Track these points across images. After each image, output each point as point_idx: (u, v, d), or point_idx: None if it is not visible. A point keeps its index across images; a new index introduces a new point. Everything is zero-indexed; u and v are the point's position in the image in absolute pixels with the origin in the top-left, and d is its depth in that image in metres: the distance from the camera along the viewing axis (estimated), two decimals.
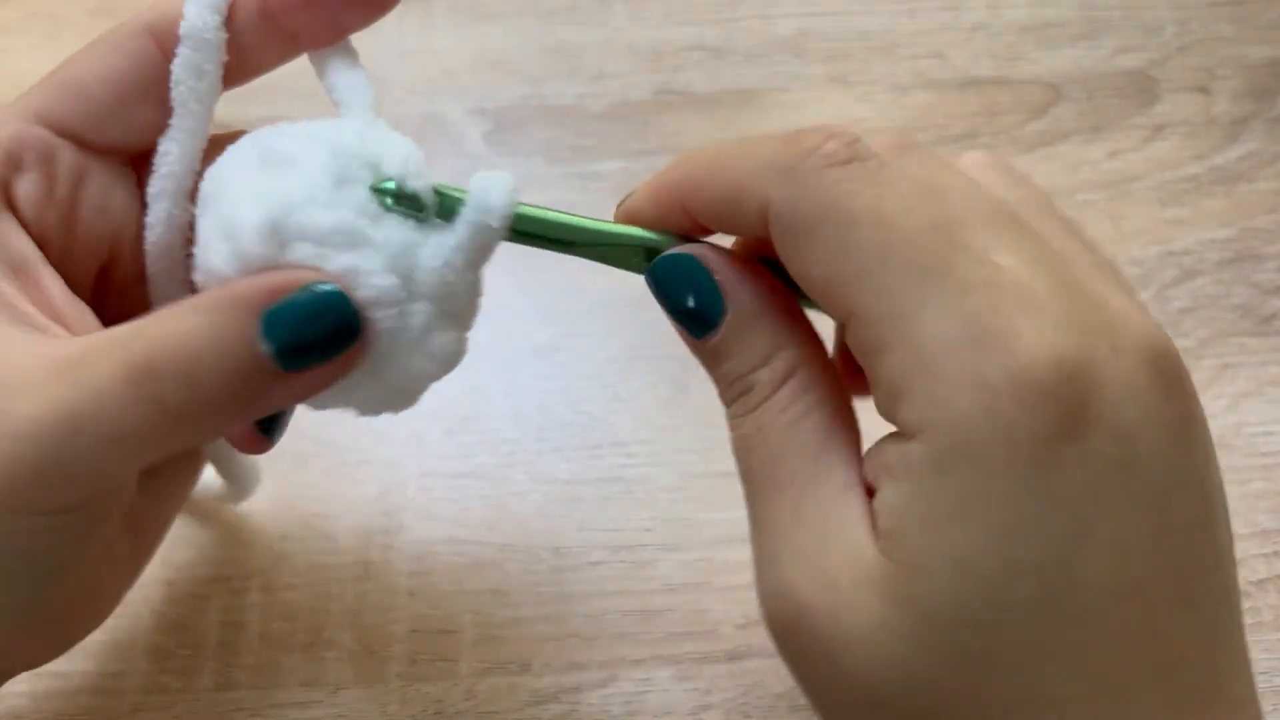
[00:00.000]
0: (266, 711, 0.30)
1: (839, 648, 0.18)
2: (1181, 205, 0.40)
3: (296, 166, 0.20)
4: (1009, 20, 0.45)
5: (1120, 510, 0.17)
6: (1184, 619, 0.18)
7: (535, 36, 0.44)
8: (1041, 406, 0.17)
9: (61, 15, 0.44)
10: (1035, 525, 0.17)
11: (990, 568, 0.17)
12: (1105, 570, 0.17)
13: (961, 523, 0.17)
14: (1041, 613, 0.17)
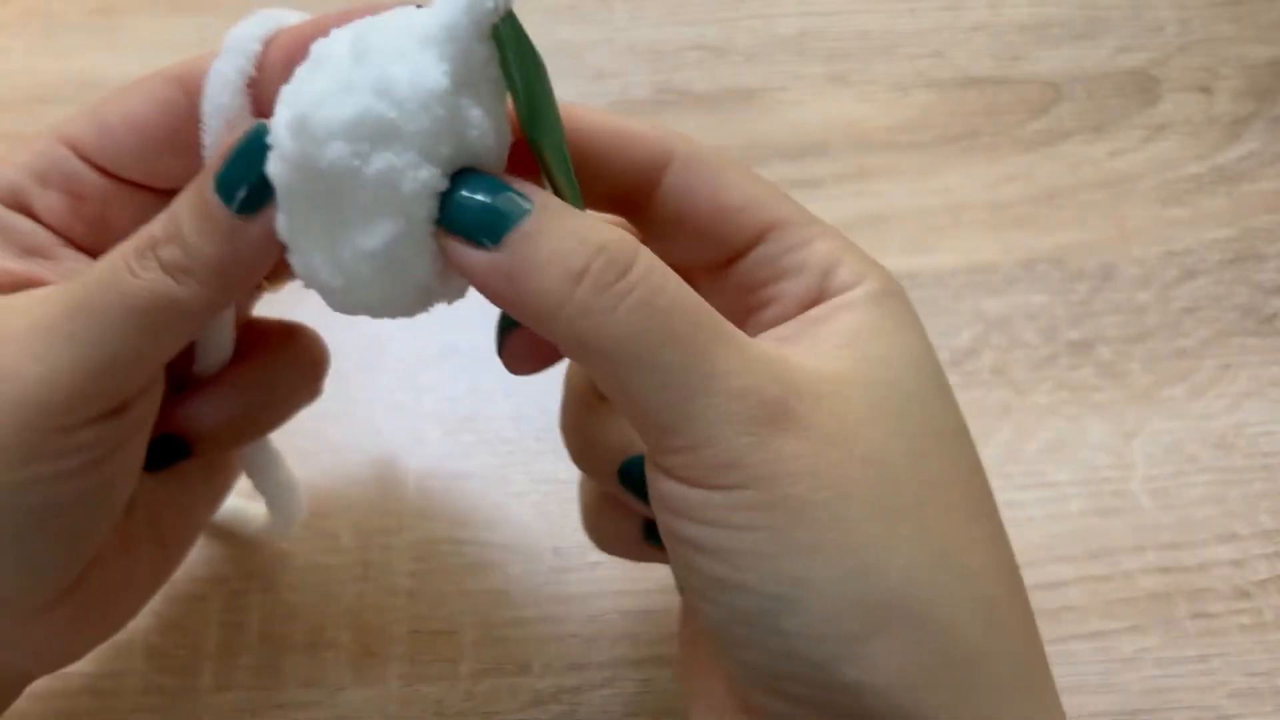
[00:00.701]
0: (266, 712, 0.30)
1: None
2: (1183, 205, 0.40)
3: (329, 59, 0.20)
4: (1010, 19, 0.45)
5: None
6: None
7: (536, 36, 0.43)
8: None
9: (61, 15, 0.44)
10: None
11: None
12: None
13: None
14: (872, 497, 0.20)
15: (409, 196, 0.19)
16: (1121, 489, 0.34)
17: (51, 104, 0.42)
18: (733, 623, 0.20)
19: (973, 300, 0.38)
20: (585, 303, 0.19)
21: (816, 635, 0.19)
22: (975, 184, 0.41)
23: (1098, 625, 0.32)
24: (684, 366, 0.19)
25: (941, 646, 0.20)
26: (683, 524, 0.20)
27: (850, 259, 0.22)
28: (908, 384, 0.21)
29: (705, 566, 0.20)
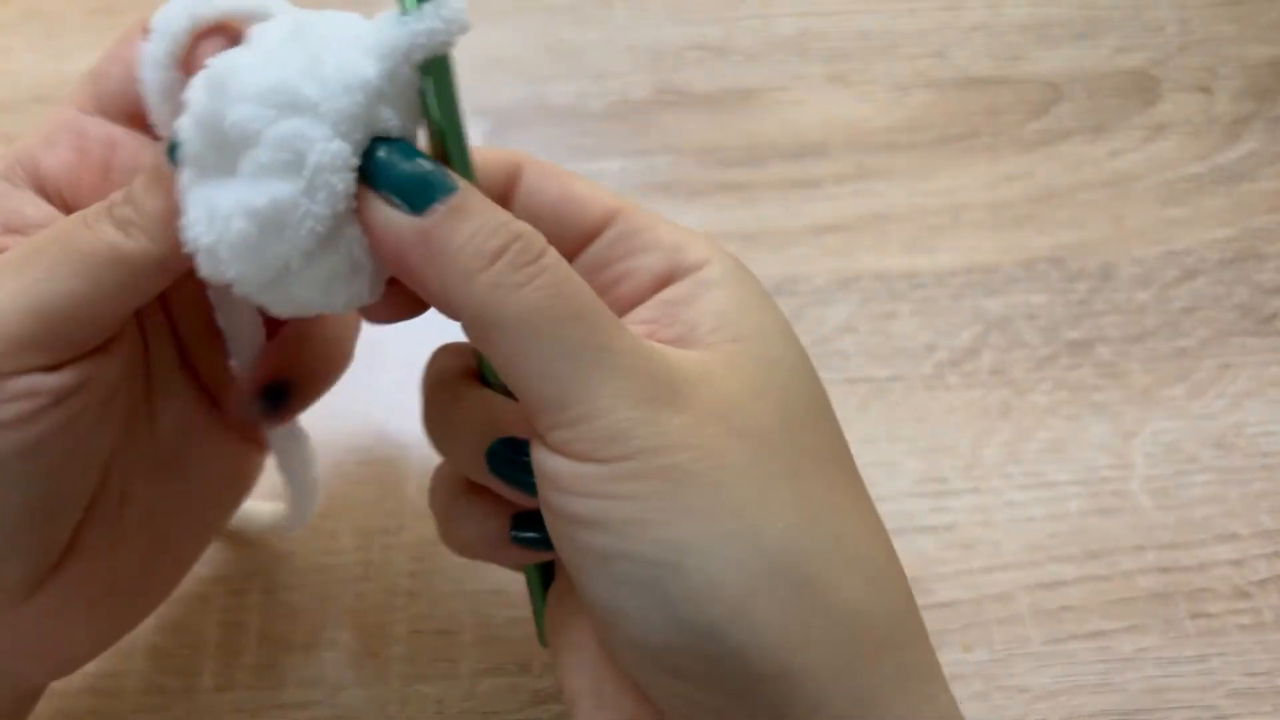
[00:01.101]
0: (267, 712, 0.30)
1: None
2: (1182, 205, 0.40)
3: (263, 37, 0.21)
4: (1009, 19, 0.45)
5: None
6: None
7: (535, 36, 0.44)
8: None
9: (61, 15, 0.44)
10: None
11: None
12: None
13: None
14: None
15: (316, 165, 0.20)
16: (1121, 489, 0.34)
17: (52, 104, 0.42)
18: (620, 597, 0.20)
19: (972, 300, 0.38)
20: (499, 276, 0.20)
21: (702, 599, 0.20)
22: (975, 184, 0.41)
23: (1097, 625, 0.32)
24: (582, 342, 0.20)
25: (822, 605, 0.20)
26: (568, 499, 0.21)
27: (696, 241, 0.24)
28: (778, 361, 0.22)
29: (592, 541, 0.20)
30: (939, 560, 0.33)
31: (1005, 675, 0.31)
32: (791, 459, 0.21)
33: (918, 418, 0.36)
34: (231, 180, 0.20)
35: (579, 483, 0.20)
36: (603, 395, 0.20)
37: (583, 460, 0.20)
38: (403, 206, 0.20)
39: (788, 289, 0.38)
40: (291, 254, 0.20)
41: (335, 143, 0.20)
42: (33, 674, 0.25)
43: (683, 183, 0.41)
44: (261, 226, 0.20)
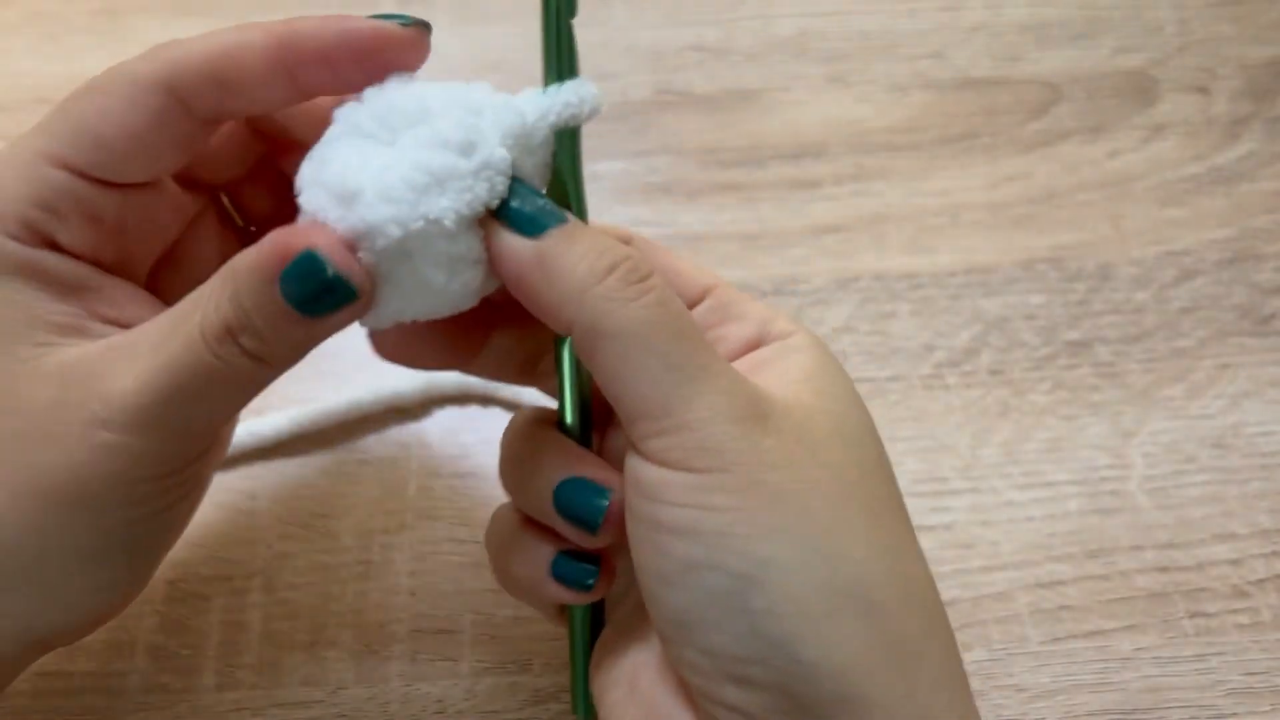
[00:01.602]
0: (268, 711, 0.31)
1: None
2: (1181, 205, 0.40)
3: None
4: (1009, 20, 0.45)
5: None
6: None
7: (535, 37, 0.44)
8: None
9: (62, 16, 0.44)
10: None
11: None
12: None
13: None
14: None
15: (486, 158, 0.22)
16: (1120, 489, 0.34)
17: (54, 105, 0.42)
18: (702, 606, 0.21)
19: (971, 300, 0.38)
20: (610, 290, 0.22)
21: (781, 613, 0.21)
22: (974, 184, 0.41)
23: (1096, 624, 0.32)
24: (685, 357, 0.22)
25: (891, 636, 0.21)
26: (659, 507, 0.22)
27: (783, 316, 0.26)
28: (853, 417, 0.24)
29: (679, 549, 0.21)
30: (938, 560, 0.33)
31: (1004, 674, 0.31)
32: (866, 497, 0.23)
33: (917, 417, 0.36)
34: (388, 149, 0.22)
35: (671, 491, 0.21)
36: (701, 407, 0.21)
37: (676, 469, 0.21)
38: (521, 233, 0.22)
39: (787, 289, 0.38)
40: (446, 211, 0.22)
41: (501, 150, 0.22)
42: (51, 638, 0.26)
43: (683, 183, 0.41)
44: (428, 179, 0.22)
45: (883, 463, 0.24)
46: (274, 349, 0.22)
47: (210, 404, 0.23)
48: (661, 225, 0.40)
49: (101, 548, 0.23)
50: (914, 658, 0.21)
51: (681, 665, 0.22)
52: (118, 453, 0.22)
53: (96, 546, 0.23)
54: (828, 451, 0.22)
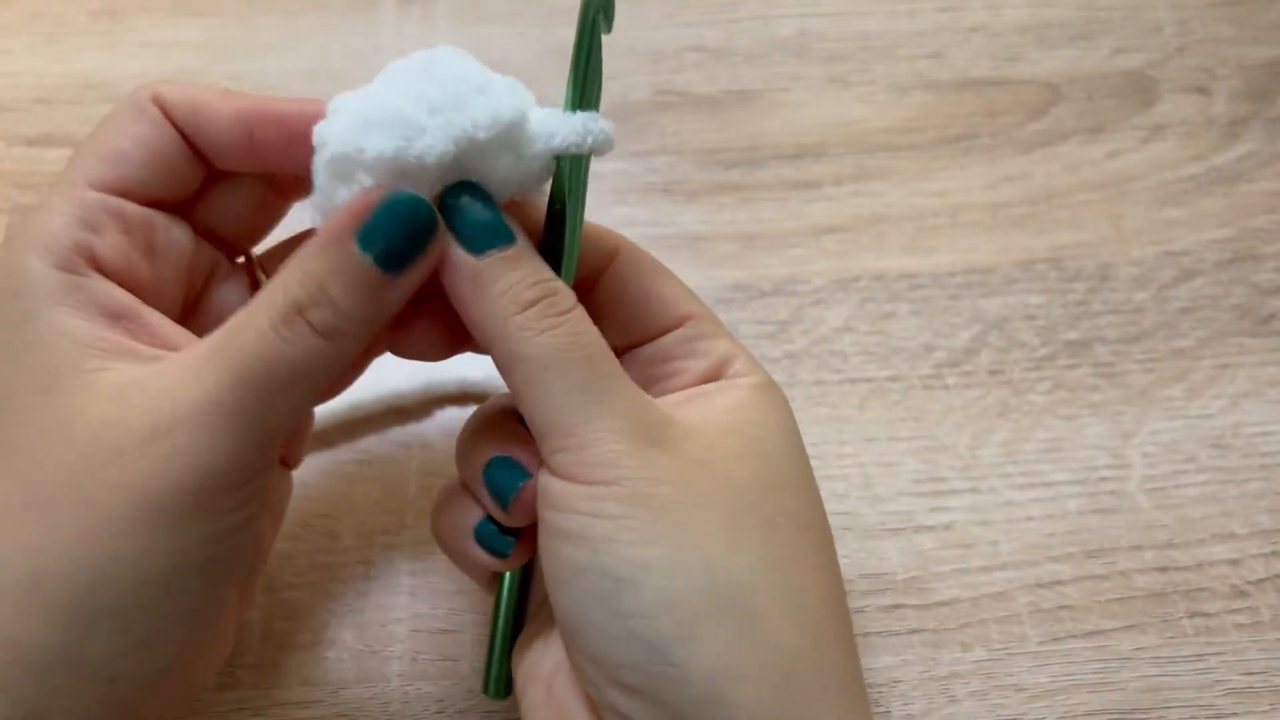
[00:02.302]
0: (268, 711, 0.31)
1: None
2: (1180, 205, 0.40)
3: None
4: (1008, 21, 0.45)
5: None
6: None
7: (535, 37, 0.44)
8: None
9: (63, 17, 0.44)
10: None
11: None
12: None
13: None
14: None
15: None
16: (1119, 489, 0.34)
17: (54, 105, 0.42)
18: (585, 608, 0.23)
19: (971, 300, 0.38)
20: (528, 320, 0.23)
21: (655, 615, 0.22)
22: (973, 185, 0.41)
23: (1095, 624, 0.32)
24: (586, 383, 0.23)
25: (767, 643, 0.22)
26: (557, 516, 0.23)
27: (745, 358, 0.26)
28: (772, 443, 0.25)
29: (568, 553, 0.23)
30: (937, 559, 0.33)
31: (1003, 674, 0.31)
32: (766, 514, 0.24)
33: (916, 417, 0.36)
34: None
35: (568, 501, 0.23)
36: (599, 426, 0.23)
37: (575, 482, 0.23)
38: (465, 248, 0.23)
39: (787, 289, 0.38)
40: (375, 146, 0.23)
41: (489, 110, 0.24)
42: (164, 716, 0.26)
43: (682, 184, 0.41)
44: (386, 118, 0.23)
45: (798, 485, 0.25)
46: (349, 317, 0.23)
47: (278, 397, 0.23)
48: (661, 226, 0.40)
49: (174, 570, 0.22)
50: (796, 669, 0.22)
51: (576, 671, 0.24)
52: (181, 462, 0.22)
53: (168, 569, 0.22)
54: (727, 470, 0.24)
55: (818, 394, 0.36)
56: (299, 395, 0.23)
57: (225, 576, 0.24)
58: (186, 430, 0.22)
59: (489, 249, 0.23)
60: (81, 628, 0.22)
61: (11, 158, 0.41)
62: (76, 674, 0.22)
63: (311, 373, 0.23)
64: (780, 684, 0.22)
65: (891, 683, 0.31)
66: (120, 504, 0.22)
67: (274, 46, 0.43)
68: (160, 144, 0.25)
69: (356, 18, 0.44)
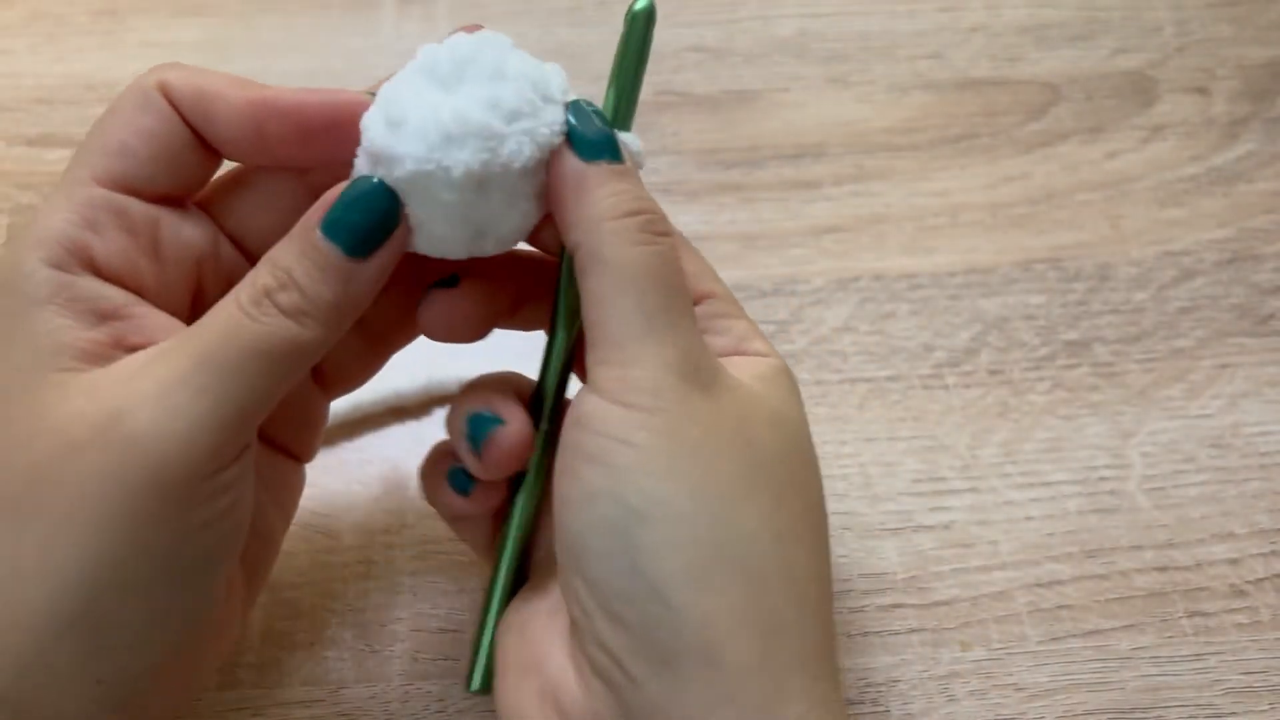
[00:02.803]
0: (269, 710, 0.31)
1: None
2: (1180, 206, 0.40)
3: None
4: (1008, 21, 0.45)
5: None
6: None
7: (535, 38, 0.44)
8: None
9: (64, 17, 0.44)
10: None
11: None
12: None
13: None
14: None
15: (553, 117, 0.25)
16: (1119, 488, 0.35)
17: (55, 106, 0.42)
18: (594, 533, 0.22)
19: (970, 300, 0.38)
20: (624, 226, 0.23)
21: (662, 554, 0.22)
22: (973, 185, 0.41)
23: (1095, 624, 0.32)
24: (659, 305, 0.23)
25: (763, 607, 0.22)
26: (585, 436, 0.23)
27: (763, 340, 0.27)
28: (794, 423, 0.25)
29: (588, 475, 0.23)
30: (937, 559, 0.33)
31: (1003, 673, 0.31)
32: (779, 484, 0.24)
33: (916, 417, 0.36)
34: (445, 93, 0.24)
35: (599, 421, 0.23)
36: (653, 351, 0.23)
37: (612, 402, 0.23)
38: (578, 153, 0.24)
39: (787, 289, 0.38)
40: (458, 163, 0.23)
41: (560, 110, 0.25)
42: (162, 714, 0.26)
43: (682, 184, 0.41)
44: (463, 131, 0.23)
45: (809, 465, 0.25)
46: (314, 300, 0.23)
47: (244, 376, 0.22)
48: None
49: (144, 569, 0.22)
50: (781, 633, 0.22)
51: (568, 594, 0.23)
52: (142, 449, 0.21)
53: (137, 569, 0.22)
54: (756, 432, 0.24)
55: (818, 394, 0.36)
56: (267, 375, 0.23)
57: (206, 570, 0.23)
58: (147, 412, 0.21)
59: (599, 158, 0.24)
60: (52, 636, 0.22)
61: (11, 158, 0.41)
62: (58, 677, 0.22)
63: (277, 351, 0.22)
64: (764, 647, 0.22)
65: (891, 682, 0.31)
66: (79, 504, 0.21)
67: (274, 46, 0.43)
68: (166, 137, 0.24)
69: (356, 18, 0.44)
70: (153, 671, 0.24)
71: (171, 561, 0.22)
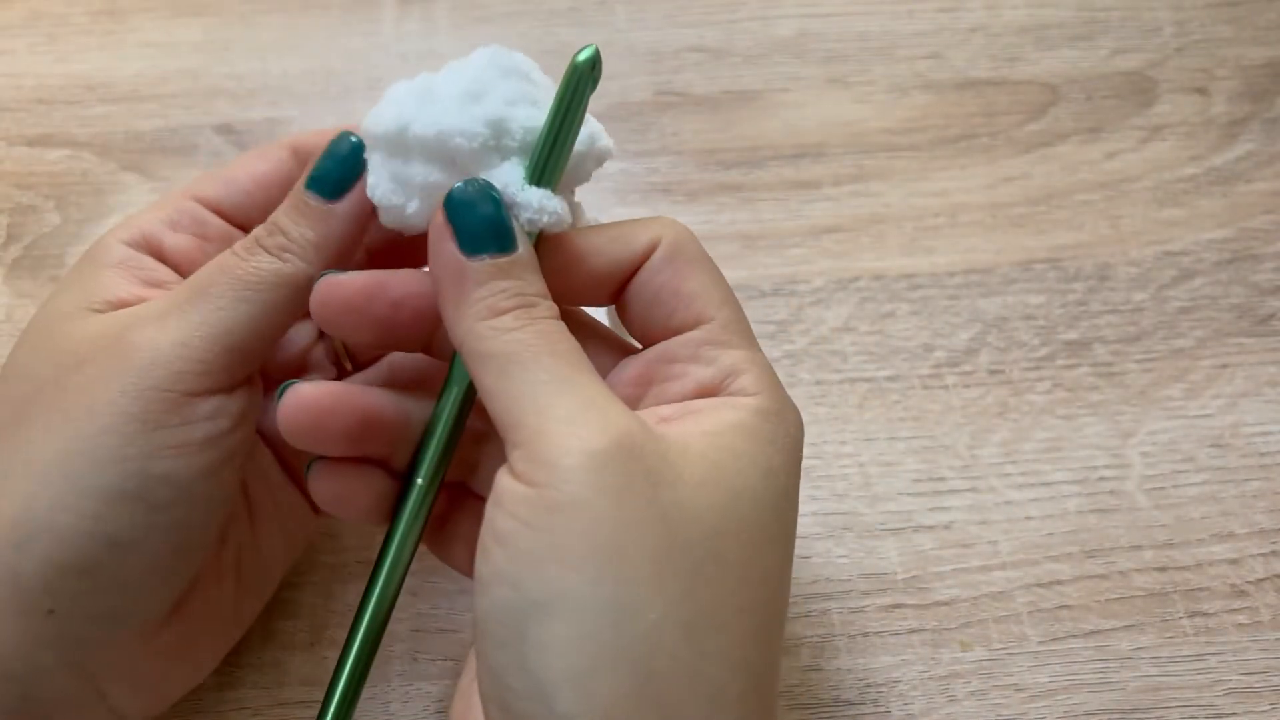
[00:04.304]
0: (269, 710, 0.31)
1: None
2: (1179, 206, 0.40)
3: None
4: (1007, 21, 0.45)
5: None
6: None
7: (535, 38, 0.44)
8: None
9: (64, 17, 0.44)
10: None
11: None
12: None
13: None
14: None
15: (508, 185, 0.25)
16: (1118, 488, 0.35)
17: (55, 106, 0.42)
18: (494, 619, 0.21)
19: (970, 300, 0.38)
20: (500, 322, 0.23)
21: (551, 652, 0.20)
22: (973, 185, 0.41)
23: (1095, 624, 0.32)
24: (551, 376, 0.22)
25: (662, 706, 0.20)
26: (497, 514, 0.22)
27: (756, 374, 0.24)
28: (745, 484, 0.22)
29: (496, 557, 0.22)
30: (937, 559, 0.33)
31: (1003, 674, 0.31)
32: (695, 560, 0.21)
33: (916, 417, 0.36)
34: (410, 164, 0.25)
35: (508, 500, 0.22)
36: (552, 419, 0.21)
37: (520, 480, 0.22)
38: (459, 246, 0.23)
39: (786, 289, 0.38)
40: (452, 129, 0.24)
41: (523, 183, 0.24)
42: (130, 709, 0.27)
43: (682, 184, 0.41)
44: (467, 97, 0.25)
45: (754, 535, 0.23)
46: (295, 238, 0.25)
47: (232, 302, 0.25)
48: None
49: (114, 481, 0.23)
50: None
51: (478, 672, 0.23)
52: (139, 354, 0.24)
53: (107, 479, 0.23)
54: (678, 498, 0.21)
55: (817, 394, 0.36)
56: (252, 303, 0.25)
57: (166, 510, 0.24)
58: (145, 328, 0.24)
59: (481, 252, 0.23)
60: (12, 534, 0.23)
61: (11, 158, 0.41)
62: (14, 591, 0.23)
63: (264, 283, 0.25)
64: None
65: (891, 682, 0.31)
66: (69, 403, 0.24)
67: (274, 46, 0.43)
68: (270, 181, 0.28)
69: (356, 18, 0.44)
70: (108, 620, 0.24)
71: (137, 476, 0.23)
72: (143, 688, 0.27)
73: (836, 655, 0.32)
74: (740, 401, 0.24)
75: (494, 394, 0.22)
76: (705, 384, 0.24)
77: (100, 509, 0.23)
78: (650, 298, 0.25)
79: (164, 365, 0.24)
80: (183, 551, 0.25)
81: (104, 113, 0.42)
